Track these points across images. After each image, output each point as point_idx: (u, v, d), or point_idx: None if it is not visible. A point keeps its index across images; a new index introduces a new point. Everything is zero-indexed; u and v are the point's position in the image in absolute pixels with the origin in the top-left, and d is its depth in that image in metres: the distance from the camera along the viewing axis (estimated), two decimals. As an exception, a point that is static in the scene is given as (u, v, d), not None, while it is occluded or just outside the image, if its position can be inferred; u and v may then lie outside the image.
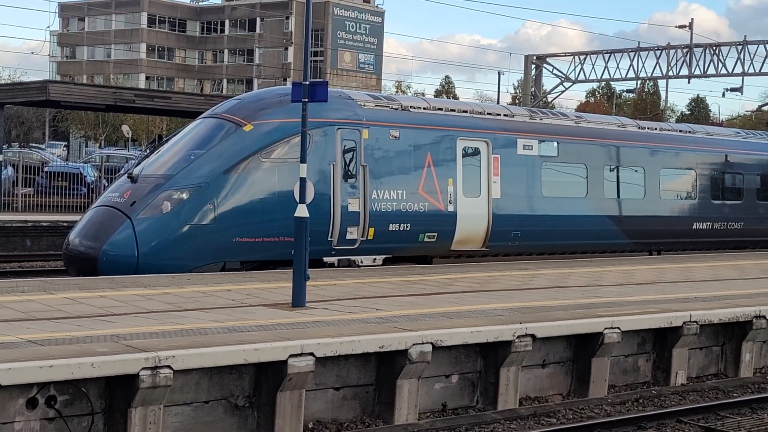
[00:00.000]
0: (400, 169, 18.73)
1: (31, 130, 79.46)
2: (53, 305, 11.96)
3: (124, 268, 15.72)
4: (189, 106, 31.45)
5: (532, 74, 53.49)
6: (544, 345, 12.71)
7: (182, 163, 17.04)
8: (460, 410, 12.02)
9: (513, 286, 16.03)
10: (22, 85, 36.51)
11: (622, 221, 22.64)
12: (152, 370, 9.18)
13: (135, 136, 77.44)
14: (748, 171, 26.13)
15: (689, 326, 13.79)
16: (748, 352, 14.99)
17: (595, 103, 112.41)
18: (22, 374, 8.60)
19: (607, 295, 15.23)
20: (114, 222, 16.26)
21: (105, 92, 32.54)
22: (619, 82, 59.65)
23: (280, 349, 10.08)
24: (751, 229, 26.01)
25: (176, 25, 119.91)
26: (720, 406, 12.87)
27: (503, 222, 20.09)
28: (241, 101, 18.77)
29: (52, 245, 26.54)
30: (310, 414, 10.86)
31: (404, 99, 20.55)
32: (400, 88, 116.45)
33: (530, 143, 20.99)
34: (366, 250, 18.10)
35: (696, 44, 49.68)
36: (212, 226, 16.46)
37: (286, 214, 14.45)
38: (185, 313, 11.82)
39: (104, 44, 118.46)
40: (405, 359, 11.02)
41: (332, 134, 17.81)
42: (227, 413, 10.28)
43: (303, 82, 13.24)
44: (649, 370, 14.17)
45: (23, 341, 9.56)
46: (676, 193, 24.44)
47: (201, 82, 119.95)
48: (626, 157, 23.02)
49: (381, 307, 12.99)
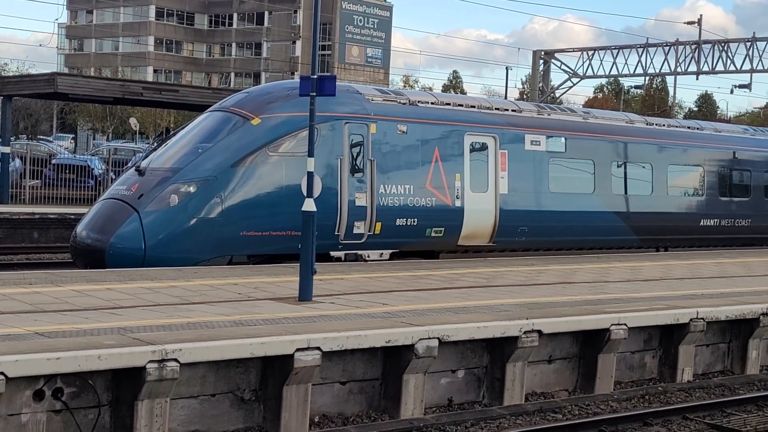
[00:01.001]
0: (407, 163, 18.72)
1: (39, 122, 79.60)
2: (60, 297, 11.98)
3: (131, 260, 15.74)
4: (197, 99, 31.45)
5: (540, 69, 53.39)
6: (551, 341, 12.70)
7: (190, 156, 17.04)
8: (466, 405, 12.02)
9: (520, 281, 16.02)
10: (30, 77, 36.53)
11: (629, 217, 22.61)
12: (159, 363, 9.20)
13: (142, 129, 77.55)
14: (756, 168, 26.07)
15: (696, 323, 13.77)
16: (755, 350, 14.97)
17: (603, 98, 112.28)
18: (29, 366, 8.62)
19: (614, 292, 15.22)
20: (121, 215, 16.27)
21: (113, 85, 32.59)
22: (627, 78, 59.61)
23: (287, 343, 10.09)
24: (758, 226, 25.95)
25: (184, 18, 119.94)
26: (726, 403, 12.85)
27: (510, 217, 20.07)
28: (248, 95, 18.77)
29: (59, 237, 26.57)
30: (316, 408, 10.87)
31: (412, 94, 20.53)
32: (408, 82, 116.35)
33: (538, 139, 20.97)
34: (373, 244, 18.10)
35: (705, 40, 49.54)
36: (219, 220, 16.47)
37: (294, 208, 14.46)
38: (192, 306, 11.83)
39: (112, 37, 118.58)
40: (411, 354, 11.02)
41: (340, 128, 17.81)
42: (233, 406, 10.30)
43: (311, 76, 13.23)
44: (656, 367, 14.15)
45: (30, 333, 9.58)
46: (684, 189, 24.40)
47: (209, 76, 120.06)
48: (634, 153, 22.98)
49: (388, 301, 12.99)
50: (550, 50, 55.32)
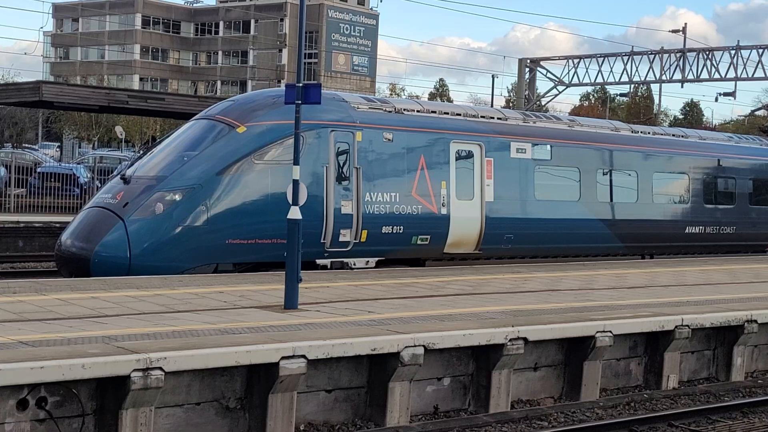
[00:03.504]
0: (393, 171, 18.74)
1: (24, 130, 79.28)
2: (45, 306, 11.93)
3: (116, 269, 15.69)
4: (182, 107, 31.45)
5: (526, 77, 53.51)
6: (536, 348, 12.71)
7: (175, 164, 17.02)
8: (452, 413, 12.01)
9: (505, 289, 16.03)
10: (15, 85, 36.47)
11: (614, 225, 22.67)
12: (144, 371, 9.16)
13: (128, 137, 77.38)
14: (741, 175, 26.18)
15: (681, 330, 13.80)
16: (740, 356, 15.01)
17: (588, 106, 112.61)
18: (13, 375, 8.58)
19: (600, 299, 15.24)
20: (106, 223, 16.23)
21: (98, 93, 32.55)
22: (612, 86, 59.76)
23: (272, 351, 10.07)
24: (743, 233, 26.06)
25: (170, 26, 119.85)
26: (711, 410, 12.88)
27: (496, 225, 20.10)
28: (234, 103, 18.76)
29: (44, 246, 26.48)
30: (302, 416, 10.85)
31: (398, 102, 20.54)
32: (395, 90, 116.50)
33: (523, 146, 21.01)
34: (359, 252, 18.10)
35: (689, 49, 49.76)
36: (205, 228, 16.44)
37: (279, 216, 14.44)
38: (177, 314, 11.80)
39: (98, 45, 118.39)
40: (397, 362, 11.01)
41: (325, 136, 17.81)
42: (219, 415, 10.27)
43: (296, 84, 13.23)
44: (641, 374, 14.18)
45: (14, 342, 9.53)
46: (669, 197, 24.48)
47: (195, 84, 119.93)
48: (619, 160, 23.05)
49: (373, 309, 12.98)
50: (535, 58, 55.46)
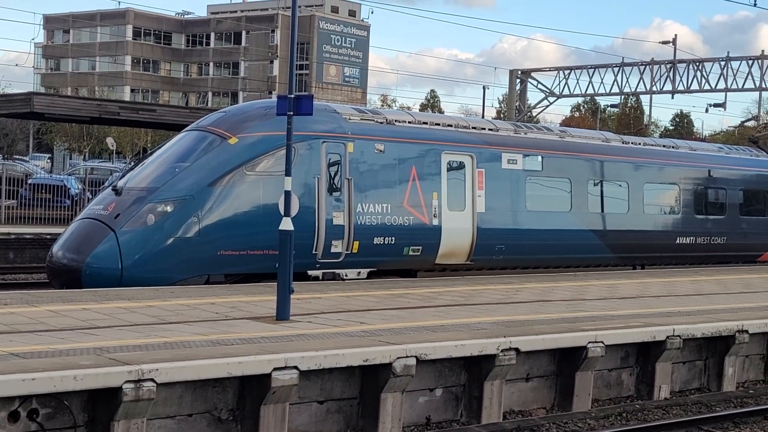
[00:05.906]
0: (384, 182, 18.75)
1: (15, 142, 79.15)
2: (36, 318, 11.90)
3: (107, 280, 15.67)
4: (174, 118, 31.42)
5: (516, 89, 53.64)
6: (528, 359, 12.72)
7: (166, 175, 17.01)
8: (444, 424, 12.01)
9: (497, 299, 16.04)
10: (6, 96, 36.42)
11: (606, 235, 22.71)
12: (135, 383, 9.14)
13: (119, 149, 77.26)
14: (731, 186, 26.27)
15: (672, 340, 13.83)
16: (731, 367, 15.04)
17: (579, 117, 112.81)
18: (4, 387, 8.55)
19: (591, 309, 15.26)
20: (98, 234, 16.21)
21: (90, 104, 32.50)
22: (603, 97, 59.93)
23: (264, 362, 10.06)
24: (733, 243, 26.12)
25: (161, 37, 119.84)
26: (703, 420, 12.89)
27: (488, 236, 20.12)
28: (225, 114, 18.76)
29: (35, 258, 26.40)
30: (294, 427, 10.83)
31: (389, 113, 20.58)
32: (386, 102, 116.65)
33: (515, 157, 21.05)
34: (351, 263, 18.10)
35: (680, 60, 49.92)
36: (196, 239, 16.43)
37: (271, 227, 14.45)
38: (169, 326, 11.78)
39: (89, 56, 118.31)
40: (389, 373, 11.00)
41: (317, 147, 17.82)
42: (210, 426, 10.24)
43: (288, 96, 13.25)
44: (633, 384, 14.19)
45: (5, 354, 9.50)
46: (660, 207, 24.55)
47: (186, 95, 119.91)
48: (610, 171, 23.10)
49: (365, 320, 12.98)
50: (526, 69, 55.59)
